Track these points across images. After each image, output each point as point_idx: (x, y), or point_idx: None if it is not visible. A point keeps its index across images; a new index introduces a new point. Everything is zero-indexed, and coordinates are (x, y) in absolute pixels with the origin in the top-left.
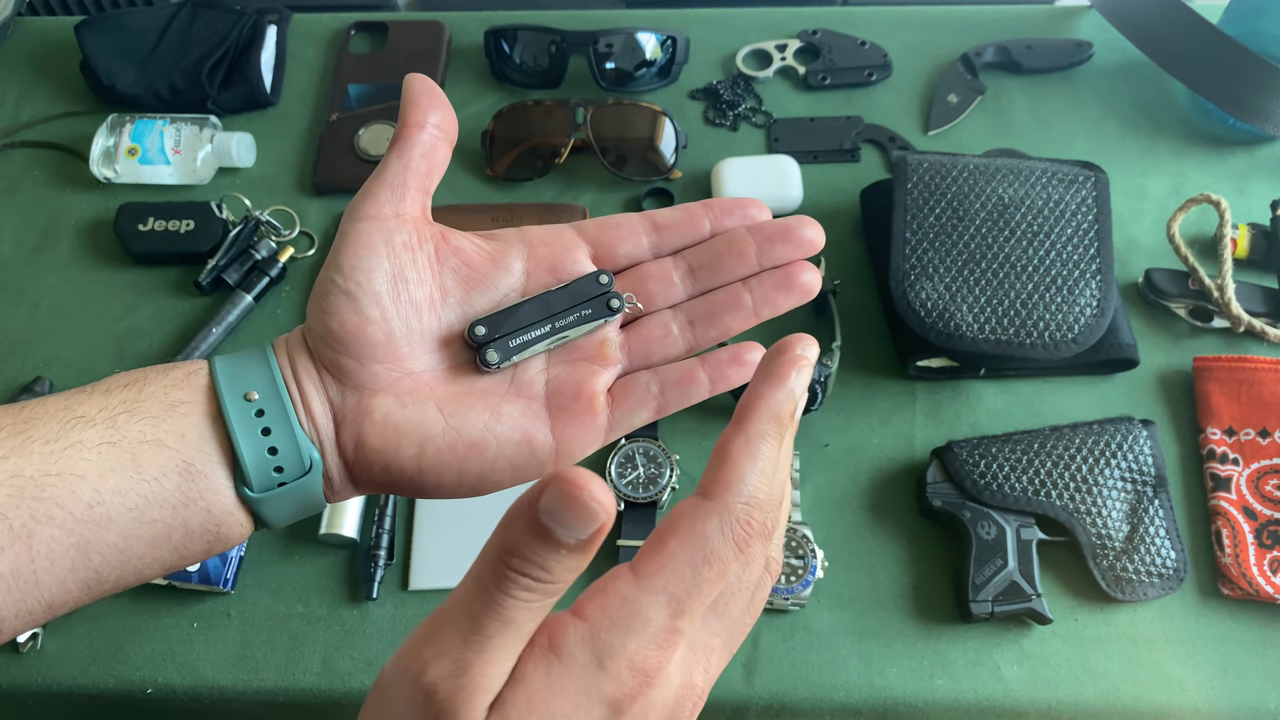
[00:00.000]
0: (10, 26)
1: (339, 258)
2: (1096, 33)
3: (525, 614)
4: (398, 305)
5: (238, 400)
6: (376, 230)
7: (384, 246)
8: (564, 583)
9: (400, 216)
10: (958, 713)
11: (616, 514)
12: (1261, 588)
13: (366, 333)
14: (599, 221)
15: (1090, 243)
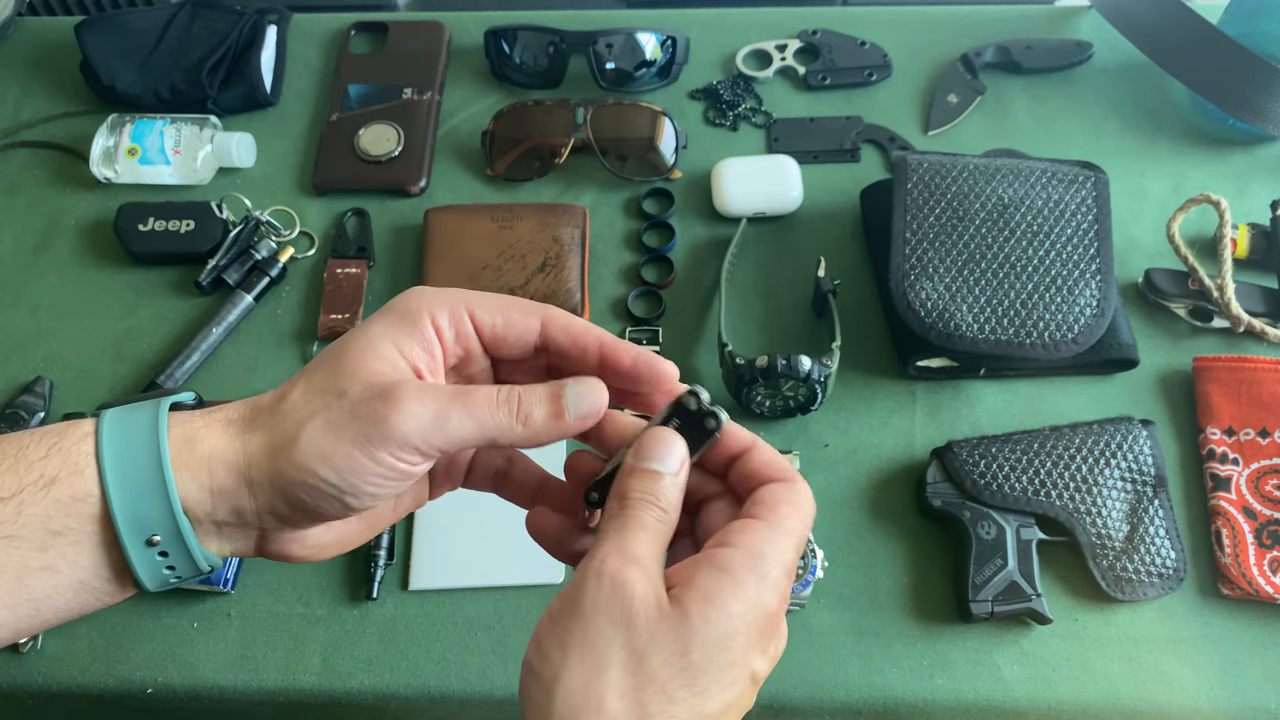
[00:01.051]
0: (10, 26)
1: (348, 477)
2: (1096, 33)
3: (654, 518)
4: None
5: (139, 546)
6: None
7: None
8: (667, 497)
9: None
10: (958, 713)
11: None
12: (1261, 588)
13: (346, 516)
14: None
15: (1090, 243)
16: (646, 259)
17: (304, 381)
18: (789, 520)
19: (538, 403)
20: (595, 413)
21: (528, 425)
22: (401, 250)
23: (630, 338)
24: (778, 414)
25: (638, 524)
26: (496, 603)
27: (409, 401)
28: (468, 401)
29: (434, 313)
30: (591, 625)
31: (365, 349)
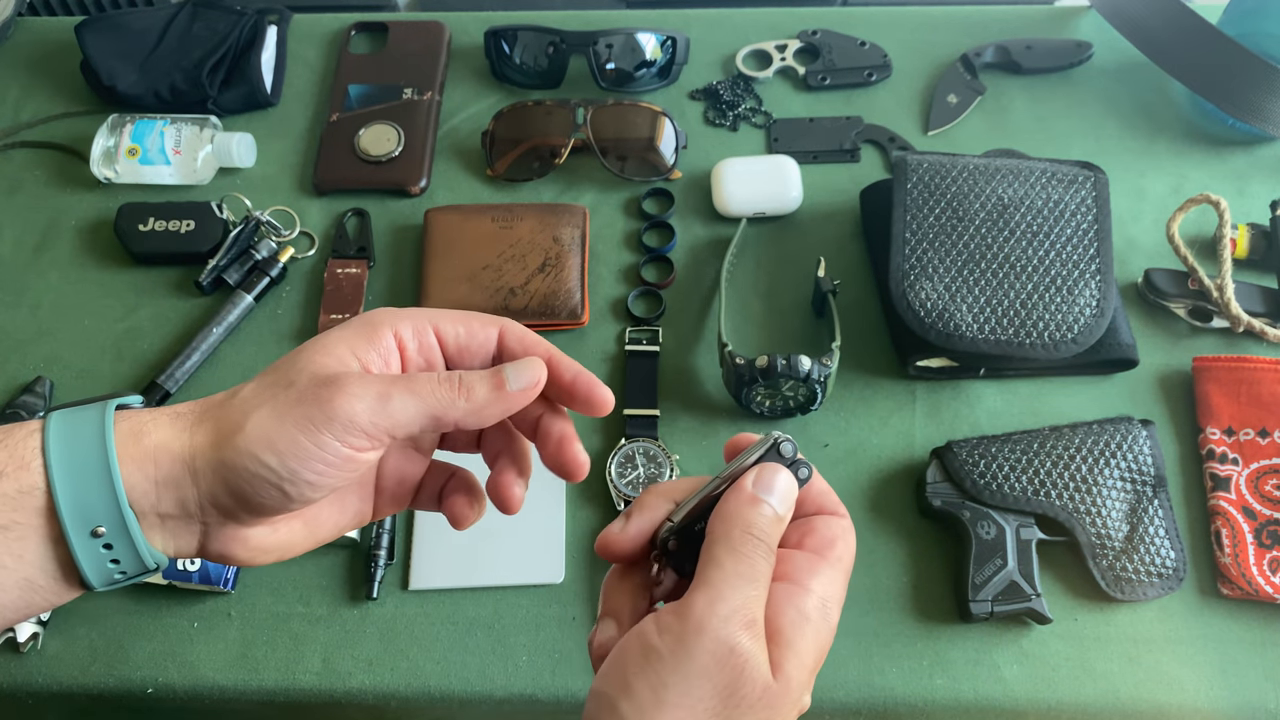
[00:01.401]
0: (11, 27)
1: (289, 462)
2: (1096, 33)
3: (768, 566)
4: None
5: (84, 538)
6: (348, 464)
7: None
8: (777, 542)
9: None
10: (957, 712)
11: (617, 514)
12: (1261, 587)
13: (285, 510)
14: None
15: (1090, 243)
16: (646, 259)
17: (256, 380)
18: (847, 560)
19: (479, 379)
20: (535, 384)
21: (470, 399)
22: (401, 250)
23: (630, 338)
24: (777, 414)
25: (759, 577)
26: (496, 603)
27: (353, 385)
28: (410, 383)
29: (397, 325)
30: (696, 688)
31: (318, 351)
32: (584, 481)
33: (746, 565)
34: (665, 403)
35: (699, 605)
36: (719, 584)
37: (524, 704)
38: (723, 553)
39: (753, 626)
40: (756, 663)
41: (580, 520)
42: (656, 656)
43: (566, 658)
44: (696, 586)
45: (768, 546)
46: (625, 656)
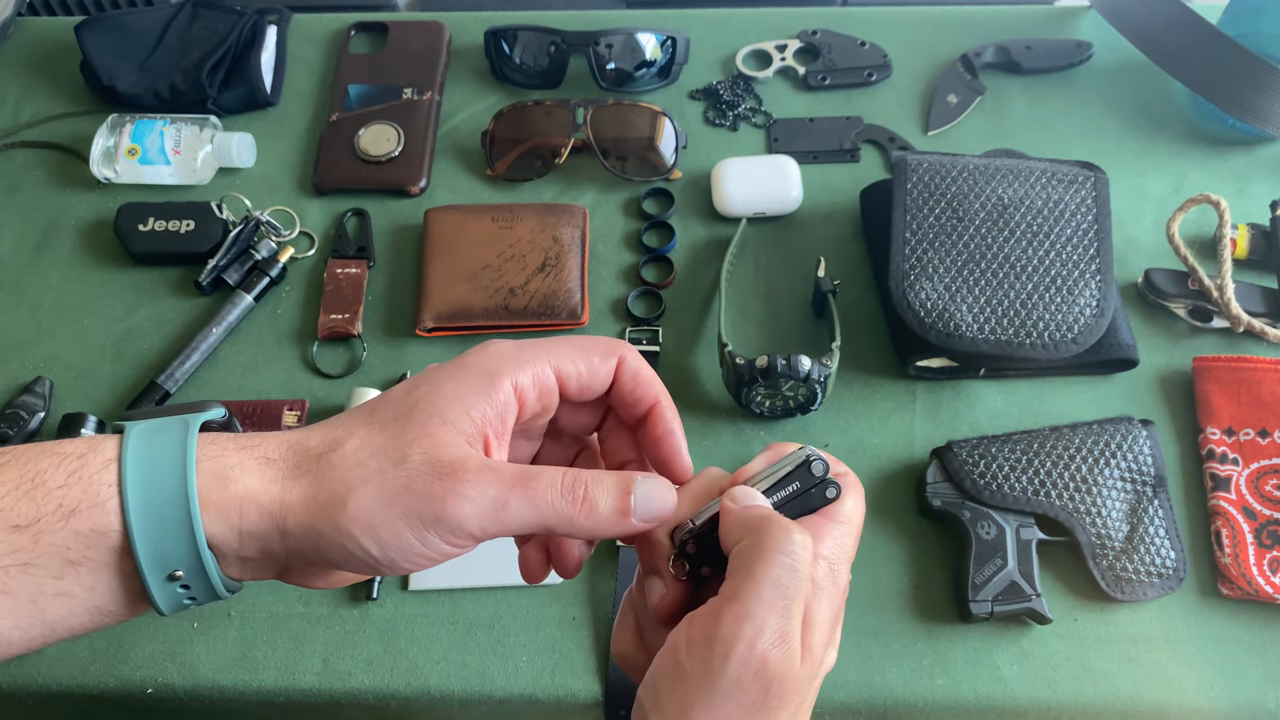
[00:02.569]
0: (10, 27)
1: (389, 552)
2: (1096, 33)
3: (808, 562)
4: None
5: (160, 579)
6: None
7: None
8: (805, 532)
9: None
10: (957, 712)
11: None
12: (1261, 587)
13: (368, 575)
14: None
15: (1090, 243)
16: (646, 259)
17: (362, 433)
18: (855, 515)
19: (604, 495)
20: (661, 517)
21: (591, 519)
22: (401, 250)
23: (630, 338)
24: (777, 414)
25: (794, 585)
26: (497, 603)
27: (469, 485)
28: (529, 487)
29: (517, 376)
30: (722, 707)
31: (433, 413)
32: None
33: (774, 572)
34: None
35: (725, 624)
36: (749, 599)
37: (524, 704)
38: (749, 559)
39: (784, 641)
40: (785, 671)
41: None
42: (684, 675)
43: (566, 658)
44: (725, 599)
45: (794, 544)
46: (660, 670)
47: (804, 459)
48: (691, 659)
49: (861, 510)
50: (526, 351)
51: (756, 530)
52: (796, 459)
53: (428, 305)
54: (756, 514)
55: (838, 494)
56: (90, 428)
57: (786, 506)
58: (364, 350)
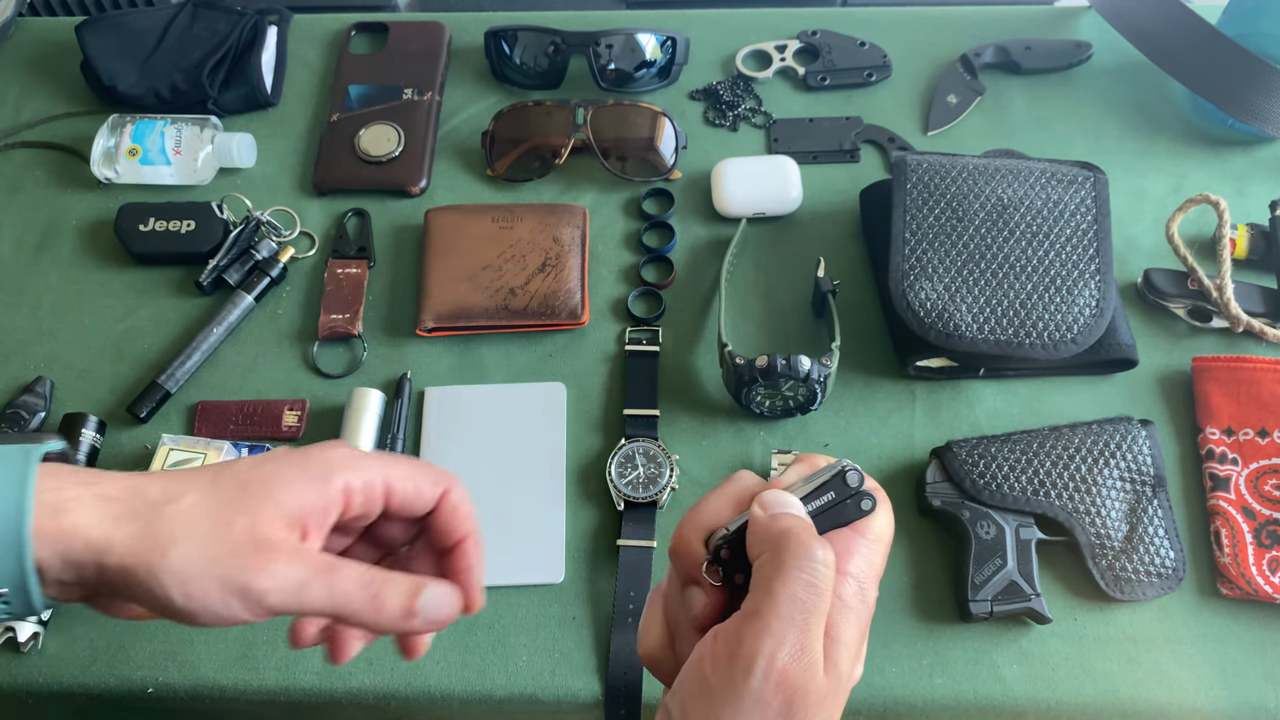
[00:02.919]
0: (11, 27)
1: (193, 605)
2: (1095, 33)
3: (829, 577)
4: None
5: None
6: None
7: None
8: (828, 545)
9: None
10: (957, 712)
11: (617, 514)
12: (1260, 587)
13: (167, 618)
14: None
15: (1089, 243)
16: (646, 259)
17: (199, 493)
18: (886, 533)
19: (395, 594)
20: (444, 619)
21: (378, 614)
22: (402, 250)
23: (630, 338)
24: (777, 414)
25: (813, 601)
26: (497, 602)
27: (279, 563)
28: (331, 576)
29: (349, 480)
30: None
31: (268, 492)
32: (584, 481)
33: (794, 589)
34: (665, 403)
35: (747, 640)
36: (768, 616)
37: (524, 704)
38: (770, 574)
39: (804, 654)
40: (809, 686)
41: (580, 520)
42: (710, 689)
43: (567, 657)
44: (745, 615)
45: (815, 561)
46: (687, 681)
47: (840, 469)
48: (717, 673)
49: (891, 528)
50: (366, 460)
51: (776, 545)
52: (833, 469)
53: (428, 305)
54: (779, 527)
55: (873, 506)
56: (91, 428)
57: (821, 517)
58: (364, 350)
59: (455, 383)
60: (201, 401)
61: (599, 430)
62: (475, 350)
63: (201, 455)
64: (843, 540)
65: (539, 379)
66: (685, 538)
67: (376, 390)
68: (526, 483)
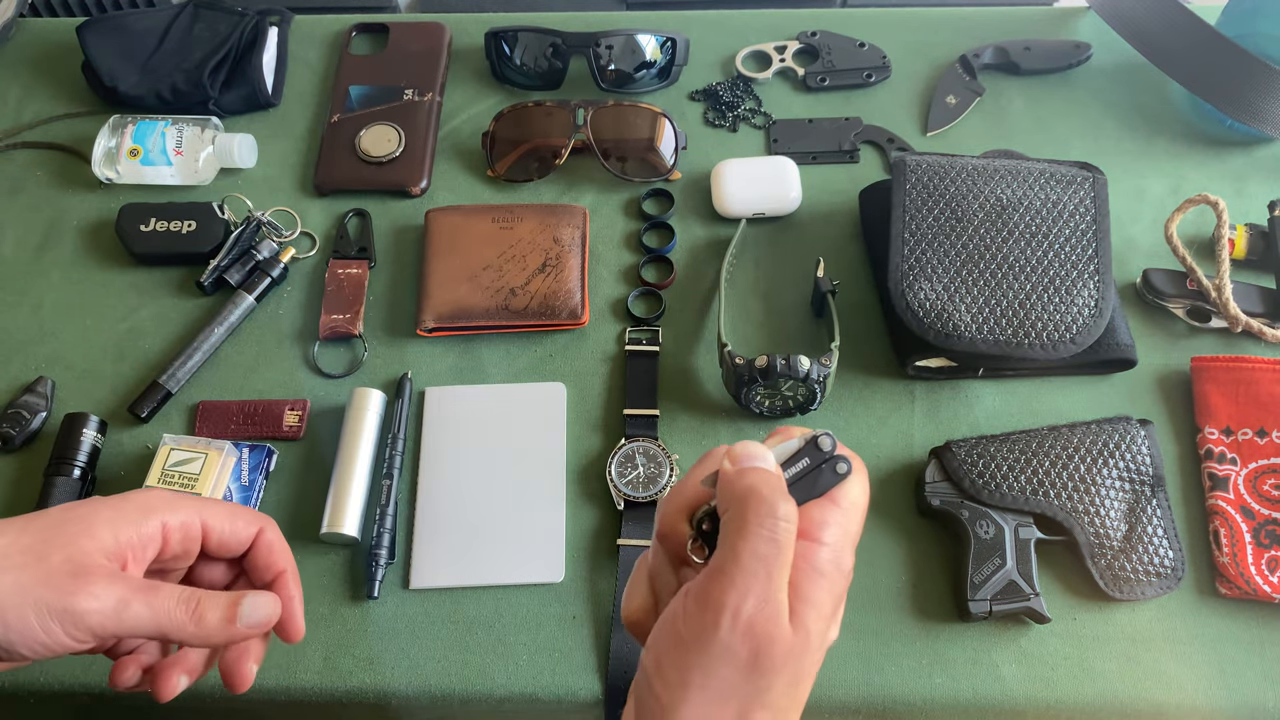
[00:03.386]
0: (12, 28)
1: (10, 634)
2: (1094, 34)
3: (790, 533)
4: None
5: None
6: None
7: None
8: (791, 502)
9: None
10: (956, 711)
11: (617, 514)
12: (1259, 586)
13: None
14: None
15: (1088, 243)
16: (646, 259)
17: (14, 534)
18: (861, 502)
19: (214, 607)
20: (266, 622)
21: (200, 625)
22: (402, 251)
23: (630, 338)
24: (777, 414)
25: (774, 553)
26: (497, 602)
27: (98, 585)
28: (151, 594)
29: (166, 517)
30: (715, 673)
31: (83, 529)
32: (584, 481)
33: (756, 544)
34: (665, 403)
35: (714, 594)
36: (733, 571)
37: (524, 703)
38: (733, 532)
39: (767, 605)
40: (774, 636)
41: (580, 519)
42: (681, 643)
43: (567, 656)
44: (712, 571)
45: (776, 518)
46: (660, 637)
47: (812, 436)
48: (688, 626)
49: (866, 495)
50: (182, 500)
51: (740, 503)
52: (805, 436)
53: (428, 305)
54: (744, 484)
55: (848, 470)
56: (92, 428)
57: (798, 485)
58: (365, 350)
59: (455, 383)
60: (202, 401)
61: (599, 430)
62: (475, 350)
63: (202, 455)
64: (818, 509)
65: (539, 379)
66: (670, 519)
67: (377, 390)
68: (527, 482)
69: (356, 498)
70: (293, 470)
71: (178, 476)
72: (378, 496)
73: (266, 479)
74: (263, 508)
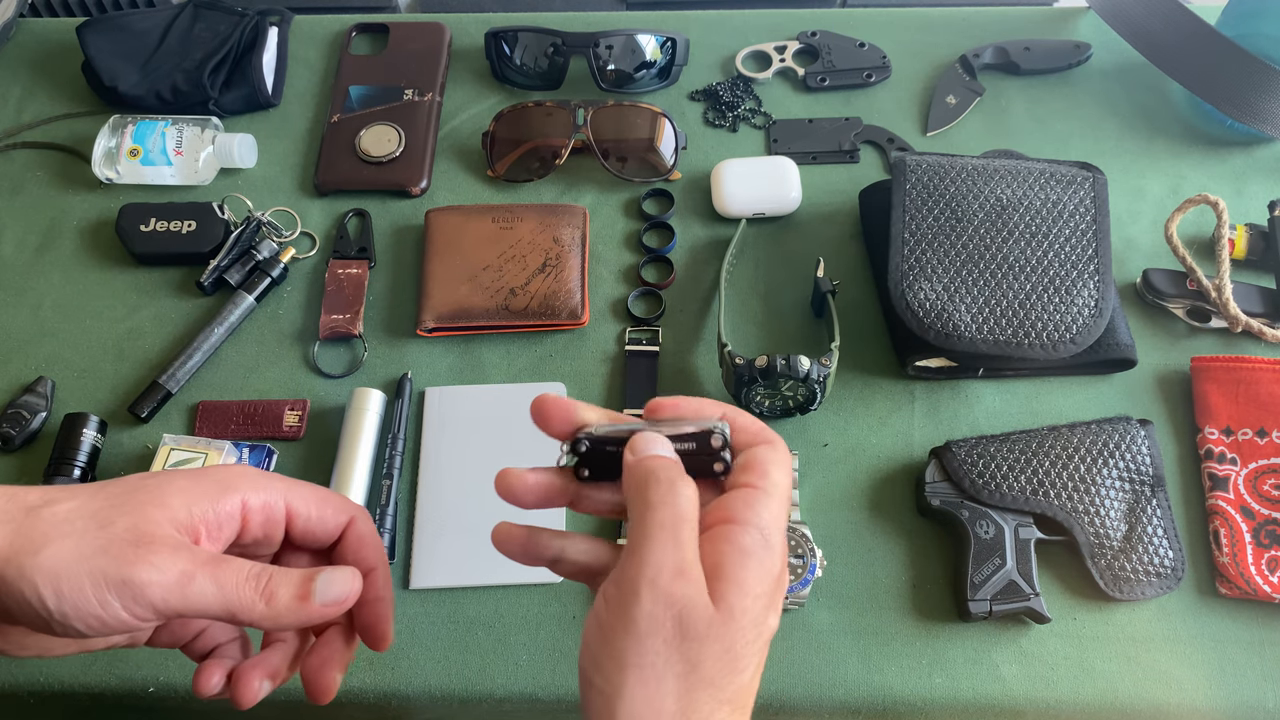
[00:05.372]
0: (13, 28)
1: (64, 605)
2: (1094, 34)
3: (692, 508)
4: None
5: None
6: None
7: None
8: (690, 482)
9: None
10: (956, 711)
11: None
12: (1259, 586)
13: (47, 635)
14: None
15: (1088, 243)
16: (646, 259)
17: (83, 498)
18: (781, 482)
19: (285, 583)
20: (344, 599)
21: (271, 604)
22: (402, 251)
23: (630, 338)
24: (777, 414)
25: (677, 523)
26: (497, 602)
27: (160, 555)
28: (218, 568)
29: (248, 494)
30: (647, 646)
31: (155, 496)
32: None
33: (660, 515)
34: None
35: (630, 571)
36: (641, 547)
37: (524, 703)
38: (637, 514)
39: (683, 573)
40: (694, 601)
41: (580, 520)
42: (608, 628)
43: (567, 657)
44: (626, 553)
45: (676, 493)
46: (589, 633)
47: (708, 429)
48: (610, 611)
49: (788, 479)
50: (268, 479)
51: (642, 485)
52: (704, 425)
53: (428, 305)
54: (645, 468)
55: (724, 472)
56: (92, 428)
57: (684, 460)
58: (365, 350)
59: (455, 383)
60: (203, 401)
61: None
62: (475, 350)
63: (203, 455)
64: (741, 491)
65: (539, 379)
66: (564, 405)
67: (377, 390)
68: None
69: (356, 498)
70: (293, 470)
71: None
72: (378, 496)
73: None
74: None
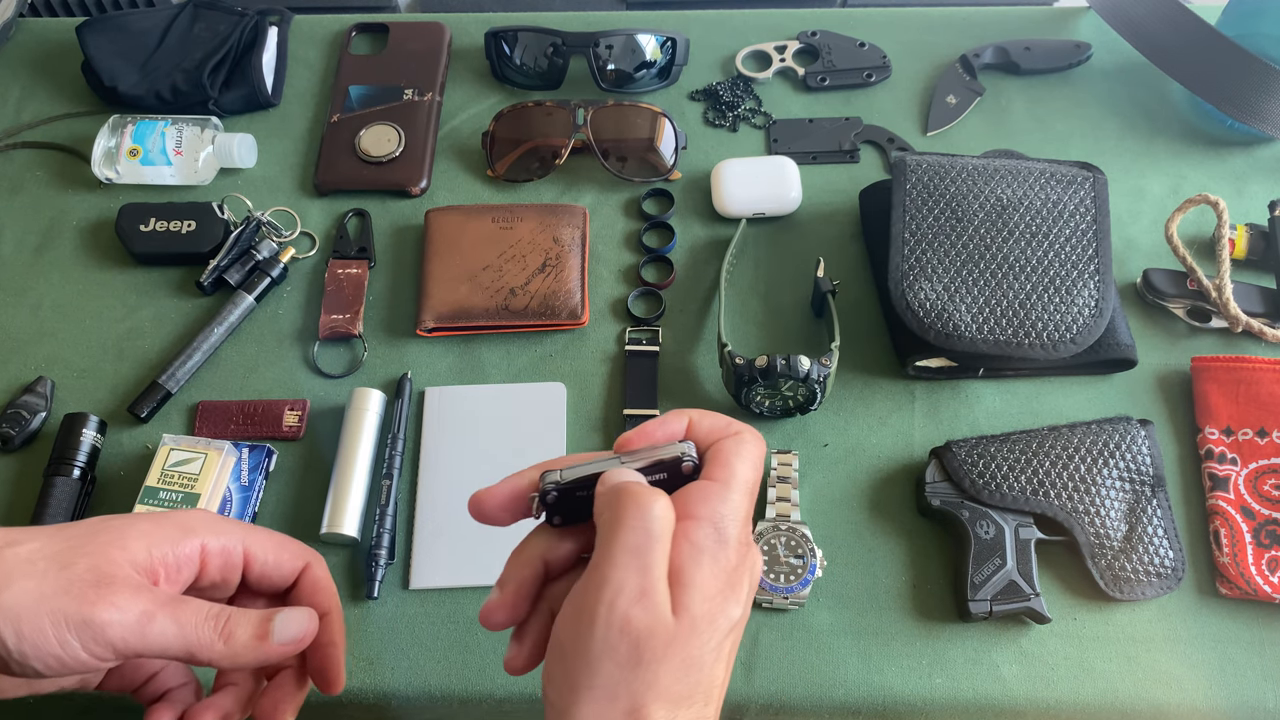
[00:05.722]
0: (12, 28)
1: (24, 645)
2: (1095, 34)
3: (665, 527)
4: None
5: None
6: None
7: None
8: (665, 499)
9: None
10: (956, 712)
11: None
12: (1259, 587)
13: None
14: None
15: (1089, 243)
16: (646, 259)
17: (44, 539)
18: (741, 473)
19: (244, 623)
20: (300, 638)
21: (229, 643)
22: (402, 251)
23: (630, 338)
24: (777, 414)
25: (646, 543)
26: None
27: (121, 596)
28: (178, 608)
29: (207, 540)
30: (600, 667)
31: (115, 539)
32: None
33: (627, 537)
34: (665, 403)
35: (589, 594)
36: (606, 568)
37: (524, 703)
38: (605, 531)
39: (645, 597)
40: (653, 626)
41: None
42: (563, 650)
43: None
44: (587, 573)
45: (645, 511)
46: (549, 653)
47: (678, 457)
48: (566, 632)
49: (756, 472)
50: (226, 524)
51: (612, 504)
52: (673, 450)
53: (428, 305)
54: (614, 487)
55: (696, 471)
56: (92, 428)
57: (656, 482)
58: (365, 350)
59: (455, 383)
60: (202, 401)
61: (599, 430)
62: (475, 350)
63: (202, 455)
64: (696, 488)
65: (539, 379)
66: (495, 492)
67: (377, 390)
68: None
69: (356, 498)
70: (292, 470)
71: (177, 477)
72: (377, 496)
73: (266, 479)
74: (262, 508)
